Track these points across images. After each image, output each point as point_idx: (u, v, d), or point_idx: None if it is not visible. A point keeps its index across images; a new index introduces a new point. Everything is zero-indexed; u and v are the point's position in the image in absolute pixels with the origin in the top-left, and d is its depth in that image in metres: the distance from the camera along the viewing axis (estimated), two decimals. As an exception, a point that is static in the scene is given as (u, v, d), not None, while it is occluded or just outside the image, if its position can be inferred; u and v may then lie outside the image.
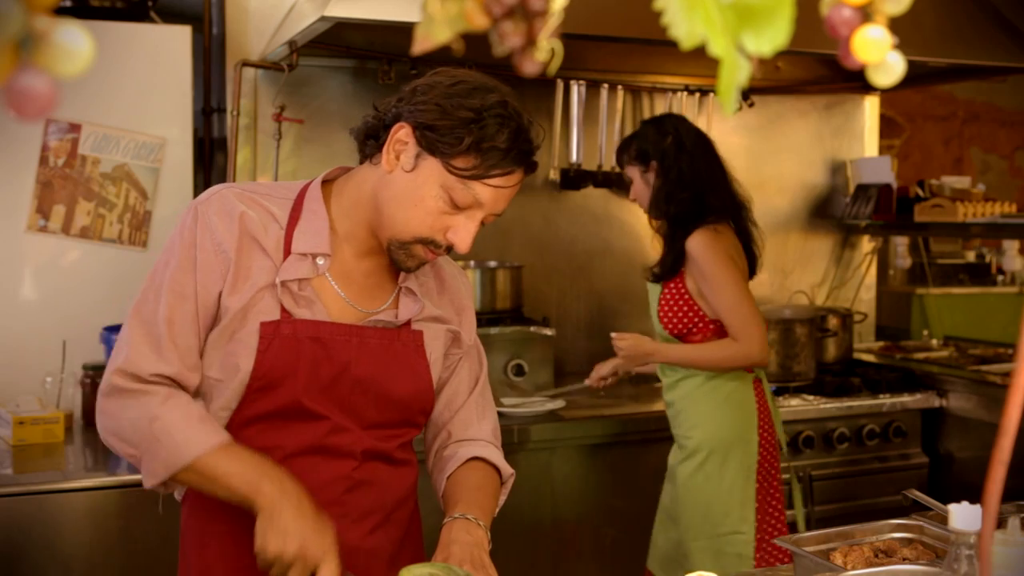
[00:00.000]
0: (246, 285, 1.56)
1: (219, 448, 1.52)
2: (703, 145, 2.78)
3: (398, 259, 1.60)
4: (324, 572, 1.45)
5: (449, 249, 1.58)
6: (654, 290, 2.80)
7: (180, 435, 1.51)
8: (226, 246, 1.56)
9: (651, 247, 2.99)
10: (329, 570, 1.45)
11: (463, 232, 1.55)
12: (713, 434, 2.69)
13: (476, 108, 1.49)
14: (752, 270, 2.82)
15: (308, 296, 1.59)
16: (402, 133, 1.53)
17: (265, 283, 1.57)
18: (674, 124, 2.79)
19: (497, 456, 1.75)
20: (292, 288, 1.58)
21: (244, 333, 1.56)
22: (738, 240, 2.77)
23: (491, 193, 1.52)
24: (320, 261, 1.60)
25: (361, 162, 1.65)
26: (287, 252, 1.58)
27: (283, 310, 1.58)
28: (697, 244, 2.65)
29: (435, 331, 1.72)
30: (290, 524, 1.45)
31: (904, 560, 1.69)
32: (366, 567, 1.67)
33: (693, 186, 2.71)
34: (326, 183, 1.67)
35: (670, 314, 2.75)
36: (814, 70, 3.87)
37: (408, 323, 1.68)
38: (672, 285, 2.73)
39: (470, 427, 1.77)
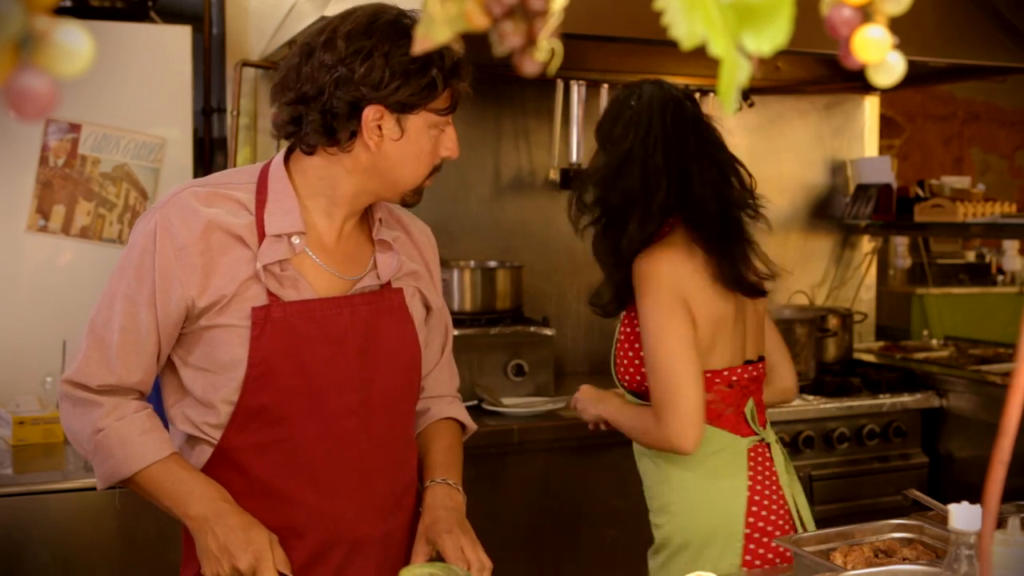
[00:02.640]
0: (223, 281, 1.56)
1: (156, 464, 1.57)
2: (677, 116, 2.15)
3: (409, 200, 1.68)
4: None
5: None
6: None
7: (120, 450, 1.57)
8: (190, 249, 1.55)
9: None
10: None
11: (451, 144, 1.63)
12: (686, 524, 1.99)
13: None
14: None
15: (292, 276, 1.60)
16: (375, 115, 1.54)
17: (247, 273, 1.58)
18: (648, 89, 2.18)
19: (464, 414, 1.91)
20: (274, 271, 1.59)
21: (234, 322, 1.57)
22: (710, 257, 1.98)
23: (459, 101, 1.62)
24: (295, 240, 1.60)
25: (308, 153, 1.60)
26: (261, 236, 1.58)
27: (270, 294, 1.58)
28: (646, 264, 2.00)
29: (413, 292, 1.76)
30: (216, 545, 1.50)
31: (904, 560, 1.69)
32: (380, 556, 1.68)
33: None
34: (287, 160, 1.66)
35: (625, 362, 2.03)
36: (814, 70, 3.86)
37: (389, 282, 1.71)
38: (627, 319, 2.06)
39: (441, 388, 1.90)
